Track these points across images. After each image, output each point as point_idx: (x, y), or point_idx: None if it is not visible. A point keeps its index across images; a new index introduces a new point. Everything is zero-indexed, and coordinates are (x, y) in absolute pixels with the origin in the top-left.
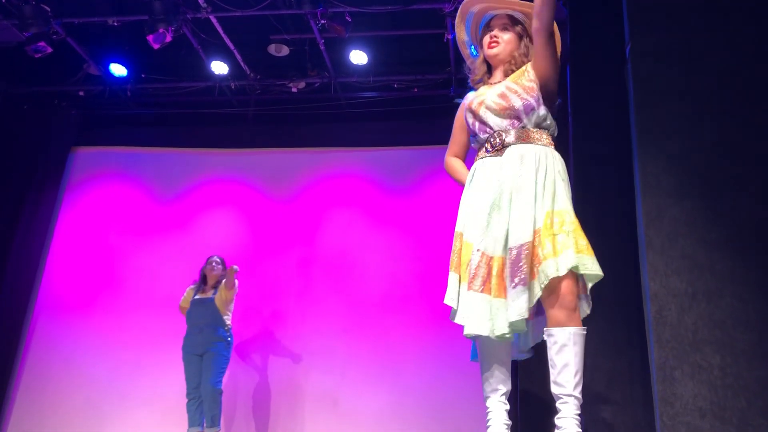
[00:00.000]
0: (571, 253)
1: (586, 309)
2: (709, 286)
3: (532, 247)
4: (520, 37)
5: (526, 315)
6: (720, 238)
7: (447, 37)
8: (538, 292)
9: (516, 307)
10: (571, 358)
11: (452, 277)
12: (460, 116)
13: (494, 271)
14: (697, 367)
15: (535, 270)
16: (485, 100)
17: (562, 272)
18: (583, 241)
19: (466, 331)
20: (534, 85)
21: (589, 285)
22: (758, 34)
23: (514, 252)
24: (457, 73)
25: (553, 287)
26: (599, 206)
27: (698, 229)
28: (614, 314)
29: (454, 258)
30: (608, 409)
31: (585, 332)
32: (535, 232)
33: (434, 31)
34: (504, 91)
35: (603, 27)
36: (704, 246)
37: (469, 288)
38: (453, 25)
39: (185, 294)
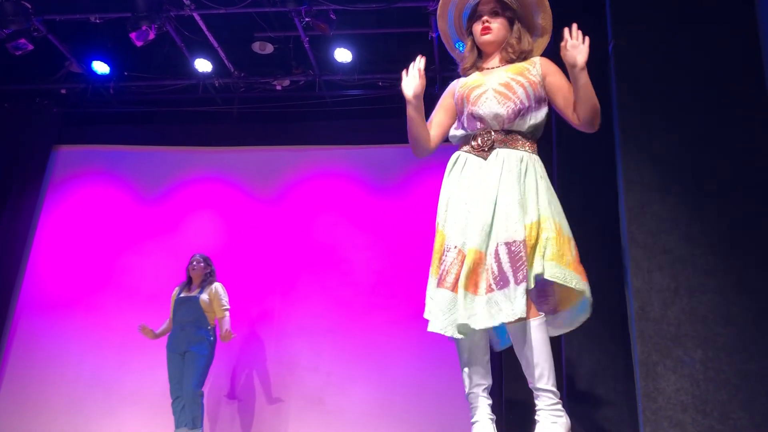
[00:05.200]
0: (539, 262)
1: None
2: (691, 282)
3: (526, 247)
4: (510, 21)
5: (524, 315)
6: (702, 234)
7: (431, 36)
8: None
9: (519, 305)
10: (532, 351)
11: (431, 283)
12: (448, 100)
13: (468, 264)
14: (680, 362)
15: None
16: (487, 88)
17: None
18: (555, 249)
19: (430, 328)
20: (539, 79)
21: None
22: (739, 33)
23: (513, 248)
24: (442, 72)
25: None
26: (582, 202)
27: (680, 224)
28: (597, 310)
29: (434, 260)
30: (592, 404)
31: (541, 321)
32: (525, 233)
33: (419, 30)
34: (509, 81)
35: (586, 24)
36: (686, 241)
37: (441, 285)
38: (437, 24)
39: (172, 296)
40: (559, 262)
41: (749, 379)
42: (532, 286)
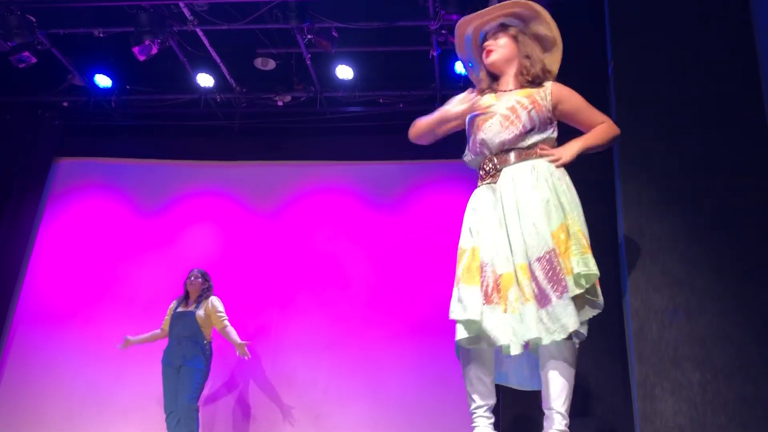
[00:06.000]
0: (575, 260)
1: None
2: (689, 303)
3: (557, 255)
4: (514, 38)
5: (576, 326)
6: (700, 255)
7: (432, 54)
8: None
9: (567, 320)
10: (559, 373)
11: (465, 290)
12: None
13: (507, 289)
14: (677, 384)
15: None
16: (495, 113)
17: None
18: (584, 241)
19: (501, 342)
20: (547, 104)
21: (587, 285)
22: (736, 53)
23: (544, 262)
24: (442, 89)
25: None
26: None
27: (679, 245)
28: (595, 330)
29: (464, 272)
30: (589, 424)
31: (576, 345)
32: (554, 241)
33: (420, 48)
34: (514, 105)
35: (586, 47)
36: (685, 262)
37: (489, 302)
38: (438, 42)
39: (169, 308)
40: (586, 253)
41: (748, 402)
42: (577, 291)
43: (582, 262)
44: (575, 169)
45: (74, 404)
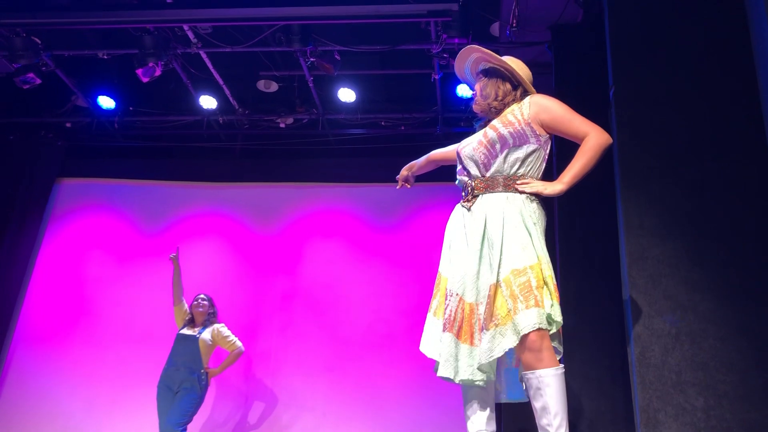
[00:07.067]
0: (533, 311)
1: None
2: (692, 327)
3: (495, 295)
4: (492, 80)
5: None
6: (702, 279)
7: (434, 77)
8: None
9: (497, 345)
10: (546, 401)
11: (430, 322)
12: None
13: (466, 317)
14: (681, 410)
15: (500, 320)
16: (468, 143)
17: (527, 331)
18: (547, 291)
19: (439, 373)
20: (523, 117)
21: (553, 329)
22: (736, 78)
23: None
24: (444, 112)
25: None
26: (583, 247)
27: (681, 269)
28: (597, 355)
29: (433, 301)
30: None
31: (559, 371)
32: (498, 282)
33: (422, 71)
34: (486, 129)
35: (587, 71)
36: (687, 286)
37: (448, 330)
38: (440, 66)
39: (185, 306)
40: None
41: (751, 428)
42: (544, 325)
43: (556, 309)
44: (575, 194)
45: (70, 428)
